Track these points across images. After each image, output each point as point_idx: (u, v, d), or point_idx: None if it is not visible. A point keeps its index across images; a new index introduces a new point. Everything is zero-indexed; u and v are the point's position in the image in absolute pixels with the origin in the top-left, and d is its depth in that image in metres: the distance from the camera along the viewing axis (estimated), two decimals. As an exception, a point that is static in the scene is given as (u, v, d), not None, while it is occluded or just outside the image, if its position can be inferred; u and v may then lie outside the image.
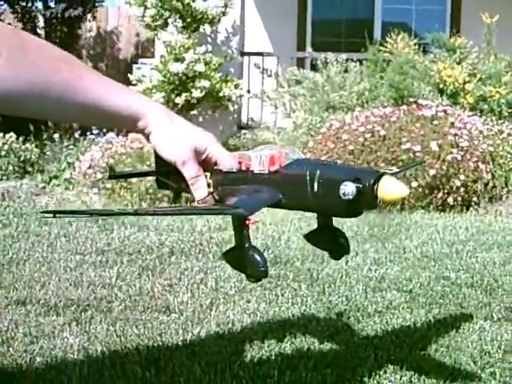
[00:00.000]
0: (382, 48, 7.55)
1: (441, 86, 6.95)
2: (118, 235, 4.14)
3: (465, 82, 6.86)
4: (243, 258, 1.26)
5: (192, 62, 7.22)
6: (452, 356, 2.24)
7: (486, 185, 5.46)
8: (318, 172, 1.20)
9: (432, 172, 5.08)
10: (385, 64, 7.37)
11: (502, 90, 6.73)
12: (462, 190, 5.21)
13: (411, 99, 6.24)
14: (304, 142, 6.63)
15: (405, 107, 5.97)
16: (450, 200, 5.16)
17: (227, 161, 1.31)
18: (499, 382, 2.07)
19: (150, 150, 5.70)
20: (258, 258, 1.24)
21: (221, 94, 7.42)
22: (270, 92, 7.99)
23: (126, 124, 1.29)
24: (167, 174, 1.45)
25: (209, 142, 1.30)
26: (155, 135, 1.27)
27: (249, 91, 8.22)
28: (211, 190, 1.33)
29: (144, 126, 1.26)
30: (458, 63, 7.05)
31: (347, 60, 7.62)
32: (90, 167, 5.72)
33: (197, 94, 7.23)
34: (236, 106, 8.01)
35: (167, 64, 7.38)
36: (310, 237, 1.52)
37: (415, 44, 7.50)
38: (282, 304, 2.86)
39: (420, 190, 5.08)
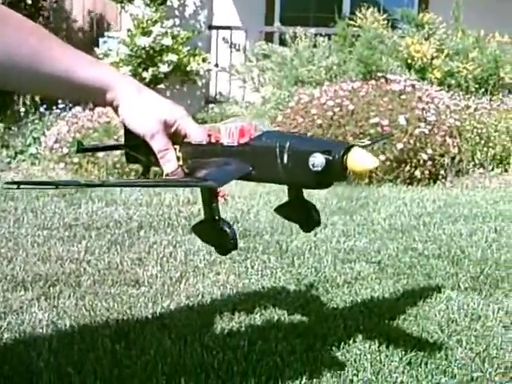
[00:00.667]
0: (351, 22, 7.54)
1: (409, 61, 6.99)
2: (85, 210, 4.10)
3: (432, 58, 6.91)
4: (213, 230, 1.27)
5: (159, 35, 7.14)
6: (420, 325, 2.27)
7: (453, 159, 5.53)
8: (288, 144, 1.19)
9: (399, 146, 5.13)
10: (353, 39, 7.38)
11: (469, 65, 6.80)
12: (429, 163, 5.27)
13: (380, 74, 6.26)
14: (273, 117, 6.62)
15: (373, 82, 5.99)
16: (418, 173, 5.22)
17: (197, 133, 1.30)
18: (465, 348, 2.10)
19: (117, 124, 5.64)
20: (228, 230, 1.26)
21: (188, 69, 7.36)
22: (238, 66, 7.95)
23: (94, 96, 1.27)
24: (136, 147, 1.43)
25: (178, 114, 1.29)
26: (123, 108, 1.25)
27: (217, 65, 8.16)
28: (181, 163, 1.33)
29: (112, 99, 1.24)
30: (426, 39, 7.10)
31: (316, 35, 7.61)
32: (56, 142, 5.64)
33: (164, 68, 7.15)
34: (204, 81, 7.96)
35: (134, 38, 7.28)
36: (281, 210, 1.52)
37: (384, 19, 7.51)
38: (251, 276, 2.87)
39: (388, 163, 5.13)
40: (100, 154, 5.31)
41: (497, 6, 7.76)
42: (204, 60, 7.55)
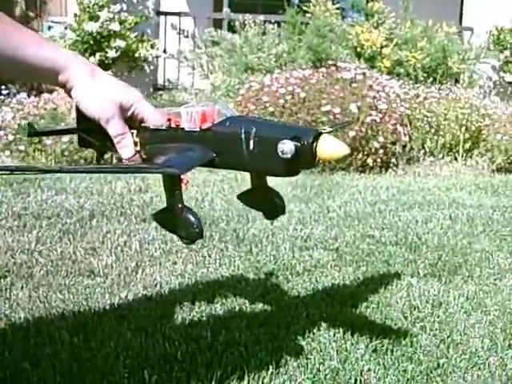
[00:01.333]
0: (304, 8, 7.52)
1: (358, 49, 7.02)
2: (34, 199, 3.95)
3: (382, 47, 6.95)
4: (176, 219, 1.21)
5: (107, 20, 6.97)
6: (383, 312, 2.27)
7: (404, 147, 5.58)
8: (254, 130, 1.15)
9: (352, 134, 5.14)
10: (303, 26, 7.36)
11: (417, 54, 6.86)
12: (380, 151, 5.30)
13: (330, 62, 6.25)
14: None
15: (324, 70, 5.98)
16: (370, 161, 5.25)
17: (155, 117, 1.24)
18: (429, 335, 2.11)
19: (64, 111, 5.49)
20: (192, 218, 1.19)
21: (137, 55, 7.22)
22: (187, 53, 7.83)
23: (45, 77, 1.21)
24: (90, 131, 1.36)
25: (135, 97, 1.23)
26: (77, 90, 1.18)
27: (165, 52, 8.02)
28: (138, 148, 1.27)
29: (65, 80, 1.18)
30: (376, 28, 7.13)
31: (265, 22, 7.56)
32: (0, 129, 5.44)
33: (112, 53, 6.99)
34: (152, 67, 7.82)
35: (82, 23, 7.08)
36: (244, 197, 1.47)
37: (335, 8, 7.51)
38: (209, 265, 2.82)
39: (340, 151, 5.12)
40: (48, 142, 5.15)
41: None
42: (152, 46, 7.42)
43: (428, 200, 4.06)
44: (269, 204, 1.41)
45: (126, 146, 1.24)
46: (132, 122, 1.25)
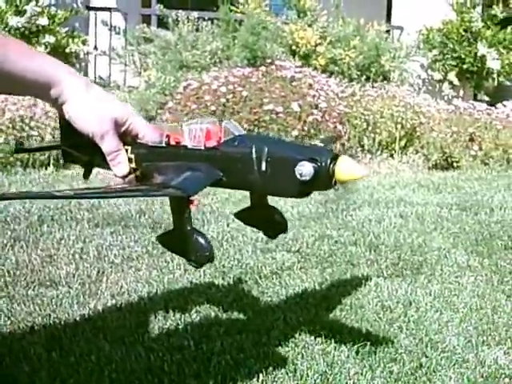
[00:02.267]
0: (233, 8, 7.51)
1: (293, 47, 7.08)
2: (-25, 205, 3.79)
3: (316, 45, 7.04)
4: (185, 242, 1.17)
5: (34, 15, 6.73)
6: (358, 313, 2.31)
7: (343, 145, 5.68)
8: (266, 150, 1.12)
9: (294, 133, 5.19)
10: (237, 24, 7.36)
11: (351, 53, 6.99)
12: (322, 150, 5.37)
13: (268, 60, 6.28)
14: (160, 102, 6.48)
15: (263, 68, 6.00)
16: (312, 160, 5.30)
17: (150, 133, 1.22)
18: (407, 335, 2.16)
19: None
20: (203, 241, 1.16)
21: (67, 51, 7.01)
22: (119, 49, 7.69)
23: (36, 91, 1.15)
24: (77, 146, 1.31)
25: (129, 113, 1.20)
26: (71, 106, 1.15)
27: (96, 48, 7.84)
28: (133, 165, 1.23)
29: (57, 95, 1.14)
30: (309, 26, 7.21)
31: (198, 19, 7.51)
32: None
33: (41, 50, 6.75)
34: (83, 64, 7.62)
35: (5, 17, 6.82)
36: (242, 215, 1.43)
37: (266, 5, 7.55)
38: (174, 271, 2.78)
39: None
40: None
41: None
42: (84, 42, 7.23)
43: (375, 199, 4.15)
44: (269, 222, 1.39)
45: (121, 163, 1.21)
46: (124, 137, 1.21)
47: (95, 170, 1.37)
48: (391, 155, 5.92)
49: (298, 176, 1.07)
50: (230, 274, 2.74)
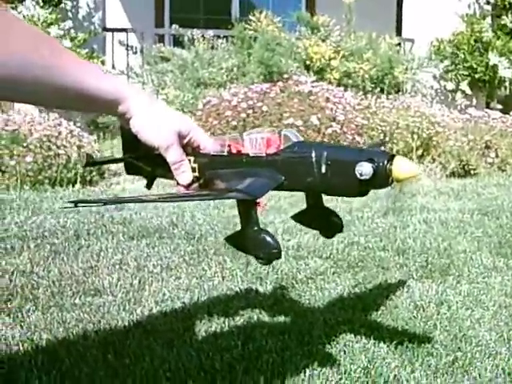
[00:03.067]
0: (247, 26, 7.69)
1: (307, 62, 7.23)
2: (12, 220, 3.94)
3: (330, 59, 7.19)
4: (253, 241, 1.26)
5: (57, 37, 6.92)
6: (393, 313, 2.42)
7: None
8: (325, 153, 1.22)
9: (315, 145, 5.31)
10: (252, 41, 7.53)
11: (364, 66, 7.14)
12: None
13: (284, 75, 6.44)
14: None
15: (281, 83, 6.15)
16: (332, 171, 5.42)
17: (210, 144, 1.33)
18: (441, 331, 2.26)
19: (26, 132, 5.44)
20: (270, 239, 1.25)
21: (89, 72, 7.18)
22: (136, 69, 7.87)
23: (106, 109, 1.26)
24: (140, 158, 1.43)
25: (191, 125, 1.31)
26: (137, 120, 1.25)
27: (114, 68, 8.03)
28: (196, 174, 1.33)
29: (125, 111, 1.23)
30: (323, 41, 7.37)
31: (214, 37, 7.69)
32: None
33: (64, 71, 6.94)
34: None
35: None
36: (299, 217, 1.53)
37: (278, 22, 7.72)
38: (213, 278, 2.90)
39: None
40: (11, 163, 5.11)
41: (384, 9, 8.20)
42: (103, 63, 7.42)
43: (398, 206, 4.27)
44: (325, 222, 1.47)
45: (184, 172, 1.31)
46: (186, 148, 1.31)
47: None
48: (409, 165, 6.02)
49: (358, 175, 1.17)
50: (267, 280, 2.86)
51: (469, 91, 7.86)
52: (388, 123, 6.05)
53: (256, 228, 1.27)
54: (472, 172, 5.83)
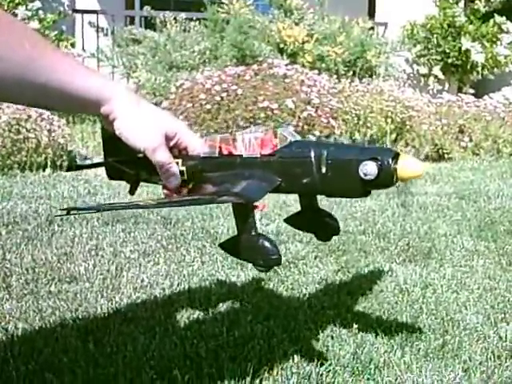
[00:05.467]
0: (219, 8, 7.57)
1: (281, 45, 7.16)
2: (-18, 206, 3.81)
3: (303, 42, 7.12)
4: (251, 247, 1.19)
5: (25, 18, 6.73)
6: (378, 297, 2.39)
7: (335, 140, 5.76)
8: (325, 153, 1.15)
9: (291, 128, 5.25)
10: (224, 24, 7.42)
11: (337, 49, 7.09)
12: (316, 145, 5.45)
13: (257, 58, 6.36)
14: (151, 103, 6.51)
15: (255, 66, 6.07)
16: (307, 155, 5.38)
17: (200, 146, 1.25)
18: (428, 315, 2.24)
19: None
20: (269, 245, 1.19)
21: (58, 54, 7.02)
22: (107, 51, 7.70)
23: (88, 108, 1.17)
24: (123, 162, 1.35)
25: (178, 126, 1.23)
26: (122, 121, 1.16)
27: (84, 50, 7.85)
28: (185, 177, 1.25)
29: (109, 112, 1.15)
30: (296, 24, 7.30)
31: (186, 19, 7.57)
32: None
33: (32, 53, 6.76)
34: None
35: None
36: (292, 220, 1.47)
37: (252, 4, 7.62)
38: (192, 264, 2.84)
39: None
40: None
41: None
42: (72, 45, 7.25)
43: (376, 190, 4.23)
44: (321, 225, 1.41)
45: (173, 175, 1.22)
46: (173, 151, 1.23)
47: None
48: (383, 149, 6.01)
49: (363, 175, 1.11)
50: (248, 265, 2.79)
51: (441, 76, 7.87)
52: (362, 107, 6.02)
53: (253, 233, 1.20)
54: (446, 156, 5.85)
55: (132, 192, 1.42)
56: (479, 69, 7.65)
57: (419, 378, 1.81)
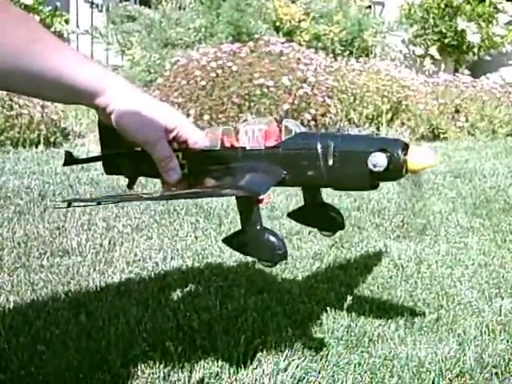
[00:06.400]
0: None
1: (277, 23, 7.10)
2: (-26, 181, 3.78)
3: (300, 21, 7.07)
4: (256, 242, 1.17)
5: (17, -7, 6.66)
6: (373, 271, 2.38)
7: (331, 118, 5.73)
8: (332, 144, 1.12)
9: (285, 106, 5.22)
10: (220, 1, 7.35)
11: (334, 28, 7.03)
12: (312, 123, 5.42)
13: (253, 36, 6.30)
14: (146, 80, 6.47)
15: (251, 43, 6.01)
16: (302, 134, 5.35)
17: (201, 138, 1.20)
18: (423, 290, 2.22)
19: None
20: (274, 239, 1.16)
21: (52, 30, 6.94)
22: (101, 28, 7.63)
23: (83, 99, 1.11)
24: (121, 156, 1.32)
25: (178, 118, 1.18)
26: (120, 115, 1.11)
27: (78, 26, 7.78)
28: (185, 171, 1.21)
29: (105, 104, 1.10)
30: (293, 2, 7.23)
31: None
32: None
33: (25, 29, 6.69)
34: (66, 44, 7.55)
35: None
36: (296, 214, 1.46)
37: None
38: (186, 238, 2.82)
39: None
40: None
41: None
42: (66, 21, 7.17)
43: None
44: (325, 219, 1.39)
45: (173, 169, 1.18)
46: (174, 143, 1.19)
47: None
48: (378, 128, 5.99)
49: (372, 167, 1.07)
50: (241, 240, 2.78)
51: (438, 56, 7.83)
52: (358, 86, 5.98)
53: (258, 227, 1.17)
54: (441, 136, 5.82)
55: (130, 186, 1.39)
56: (475, 49, 7.61)
57: (413, 351, 1.80)
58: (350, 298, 2.13)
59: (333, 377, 1.66)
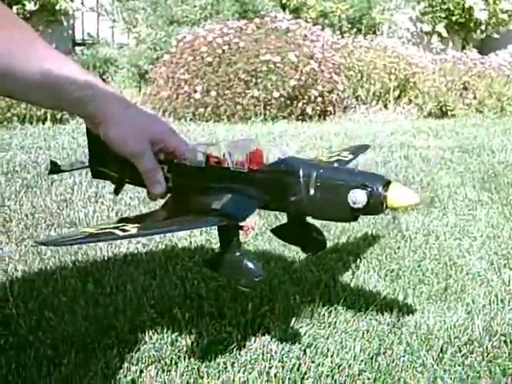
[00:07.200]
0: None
1: (283, 0, 7.04)
2: (-20, 156, 3.78)
3: (306, -3, 7.01)
4: (235, 267, 1.16)
5: (22, -29, 6.62)
6: (380, 242, 2.36)
7: (338, 95, 5.70)
8: (315, 174, 1.11)
9: (292, 82, 5.20)
10: (226, -22, 7.28)
11: (341, 5, 6.97)
12: (319, 99, 5.39)
13: (262, 12, 6.26)
14: (152, 58, 6.44)
15: (257, 20, 5.97)
16: (309, 110, 5.33)
17: (186, 152, 1.19)
18: (431, 260, 2.22)
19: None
20: (252, 266, 1.16)
21: (57, 7, 6.91)
22: (107, 5, 7.59)
23: (70, 108, 1.11)
24: (109, 163, 1.32)
25: (166, 131, 1.17)
26: (108, 126, 1.10)
27: (83, 4, 7.73)
28: (170, 184, 1.20)
29: (93, 114, 1.09)
30: (300, -22, 7.17)
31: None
32: None
33: (30, 6, 6.66)
34: (71, 21, 7.52)
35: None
36: (279, 231, 1.44)
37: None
38: (193, 211, 2.81)
39: (282, 100, 5.18)
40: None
41: None
42: (71, -1, 7.13)
43: (378, 144, 4.20)
44: (307, 239, 1.38)
45: (158, 182, 1.17)
46: (159, 155, 1.18)
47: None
48: (385, 105, 5.96)
49: (351, 203, 1.07)
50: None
51: (445, 34, 7.76)
52: (365, 63, 5.94)
53: (238, 254, 1.16)
54: (449, 113, 5.79)
55: (117, 192, 1.40)
56: (483, 27, 7.54)
57: (421, 319, 1.79)
58: (357, 267, 2.13)
59: (341, 343, 1.66)
